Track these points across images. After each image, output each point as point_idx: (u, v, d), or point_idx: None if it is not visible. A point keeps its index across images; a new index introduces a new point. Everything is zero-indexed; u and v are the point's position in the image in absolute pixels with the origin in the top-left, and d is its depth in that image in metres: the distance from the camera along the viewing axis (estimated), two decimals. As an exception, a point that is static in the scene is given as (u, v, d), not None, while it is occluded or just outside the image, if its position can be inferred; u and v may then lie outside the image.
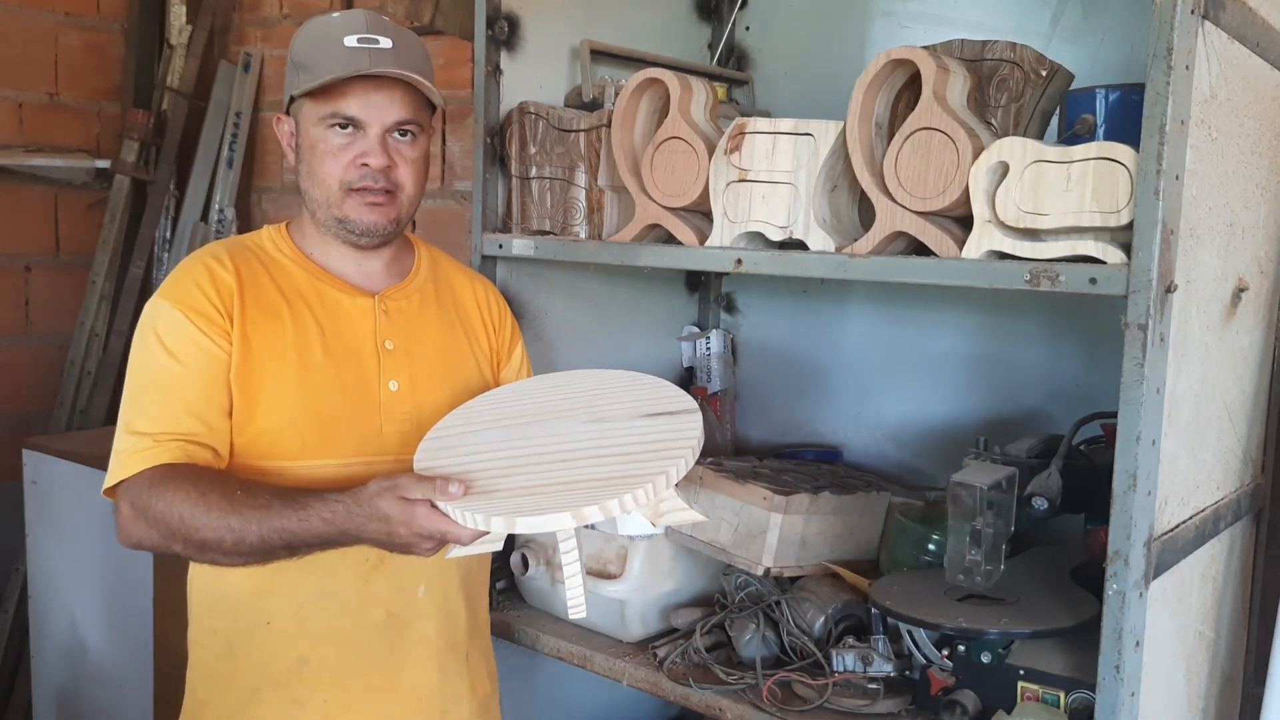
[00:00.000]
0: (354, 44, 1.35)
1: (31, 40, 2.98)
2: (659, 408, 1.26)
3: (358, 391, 1.40)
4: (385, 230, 1.41)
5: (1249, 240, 1.33)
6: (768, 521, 1.55)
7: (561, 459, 1.23)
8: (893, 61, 1.30)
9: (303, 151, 1.41)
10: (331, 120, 1.36)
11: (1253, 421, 1.44)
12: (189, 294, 1.36)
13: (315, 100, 1.36)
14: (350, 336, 1.42)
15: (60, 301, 3.09)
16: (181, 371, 1.33)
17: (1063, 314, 1.74)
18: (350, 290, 1.44)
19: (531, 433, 1.31)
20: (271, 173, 3.11)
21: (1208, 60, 1.12)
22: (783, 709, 1.42)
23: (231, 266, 1.39)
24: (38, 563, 2.71)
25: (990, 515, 1.30)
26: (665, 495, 1.19)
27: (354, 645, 1.41)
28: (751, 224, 1.43)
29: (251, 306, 1.38)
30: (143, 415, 1.33)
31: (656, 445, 1.21)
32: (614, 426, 1.26)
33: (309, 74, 1.36)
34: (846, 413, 2.01)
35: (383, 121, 1.37)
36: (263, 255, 1.44)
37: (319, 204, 1.41)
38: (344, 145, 1.37)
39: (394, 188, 1.40)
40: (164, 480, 1.28)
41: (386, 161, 1.37)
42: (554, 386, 1.43)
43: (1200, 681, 1.39)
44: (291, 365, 1.37)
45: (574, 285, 1.88)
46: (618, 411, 1.28)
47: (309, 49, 1.38)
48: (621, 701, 1.96)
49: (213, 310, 1.35)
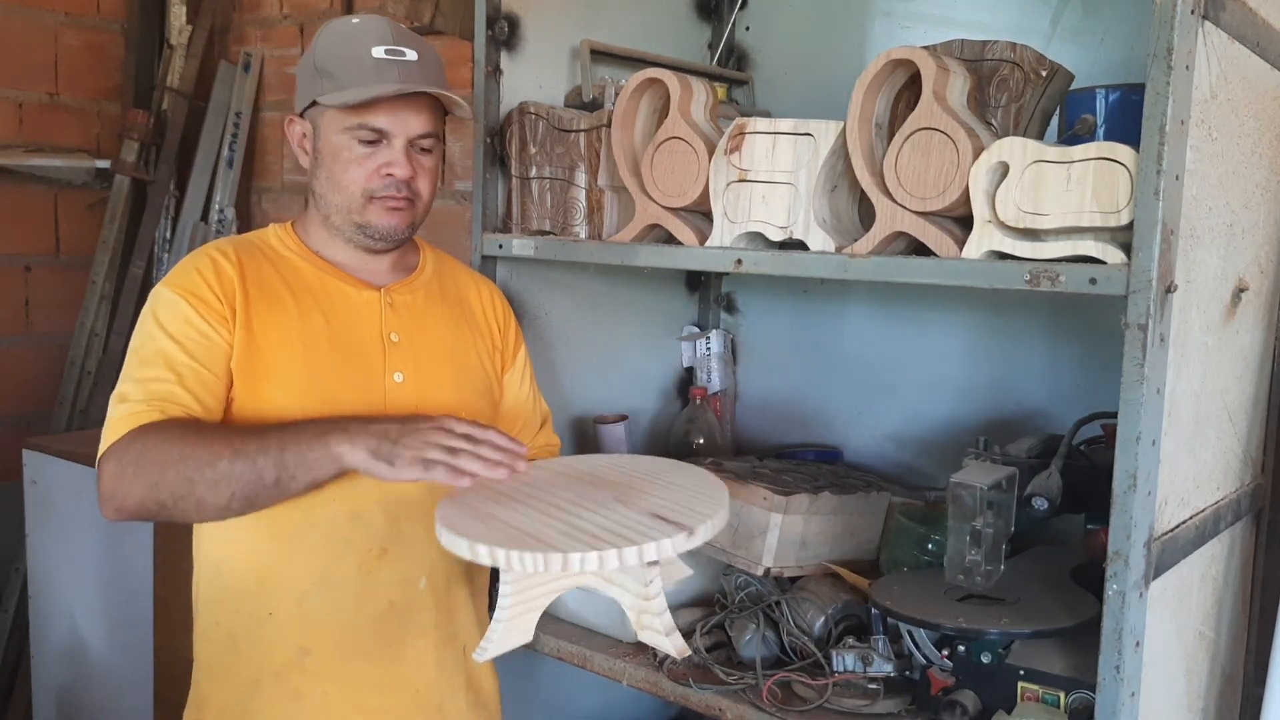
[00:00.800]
0: (382, 55, 1.36)
1: (31, 40, 2.98)
2: (671, 513, 1.18)
3: (362, 383, 1.41)
4: (402, 235, 1.44)
5: (1249, 240, 1.33)
6: (768, 521, 1.55)
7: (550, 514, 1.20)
8: (893, 61, 1.30)
9: (322, 156, 1.41)
10: (358, 131, 1.37)
11: (1253, 421, 1.44)
12: (191, 281, 1.37)
13: (341, 110, 1.37)
14: (356, 329, 1.43)
15: (60, 301, 3.09)
16: (177, 351, 1.34)
17: (1063, 314, 1.74)
18: (356, 284, 1.46)
19: (568, 489, 1.28)
20: (271, 173, 3.11)
21: (1208, 60, 1.12)
22: (783, 709, 1.42)
23: (235, 259, 1.40)
24: (38, 563, 2.71)
25: (990, 515, 1.30)
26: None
27: (355, 636, 1.41)
28: (751, 224, 1.43)
29: (256, 297, 1.38)
30: (137, 387, 1.33)
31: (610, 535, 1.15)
32: (622, 511, 1.20)
33: (333, 82, 1.37)
34: (846, 413, 2.01)
35: (408, 133, 1.39)
36: (268, 250, 1.45)
37: (337, 209, 1.42)
38: (368, 155, 1.38)
39: (414, 195, 1.42)
40: (157, 428, 1.28)
41: (410, 173, 1.40)
42: (657, 469, 1.37)
43: (1200, 681, 1.39)
44: (298, 354, 1.38)
45: (574, 285, 1.88)
46: (648, 502, 1.23)
47: (334, 57, 1.39)
48: (621, 701, 1.96)
49: (213, 298, 1.36)
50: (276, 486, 1.25)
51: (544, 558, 1.08)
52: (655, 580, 1.17)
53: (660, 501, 1.22)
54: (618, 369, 2.00)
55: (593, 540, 1.11)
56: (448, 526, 1.16)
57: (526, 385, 1.62)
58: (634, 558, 1.10)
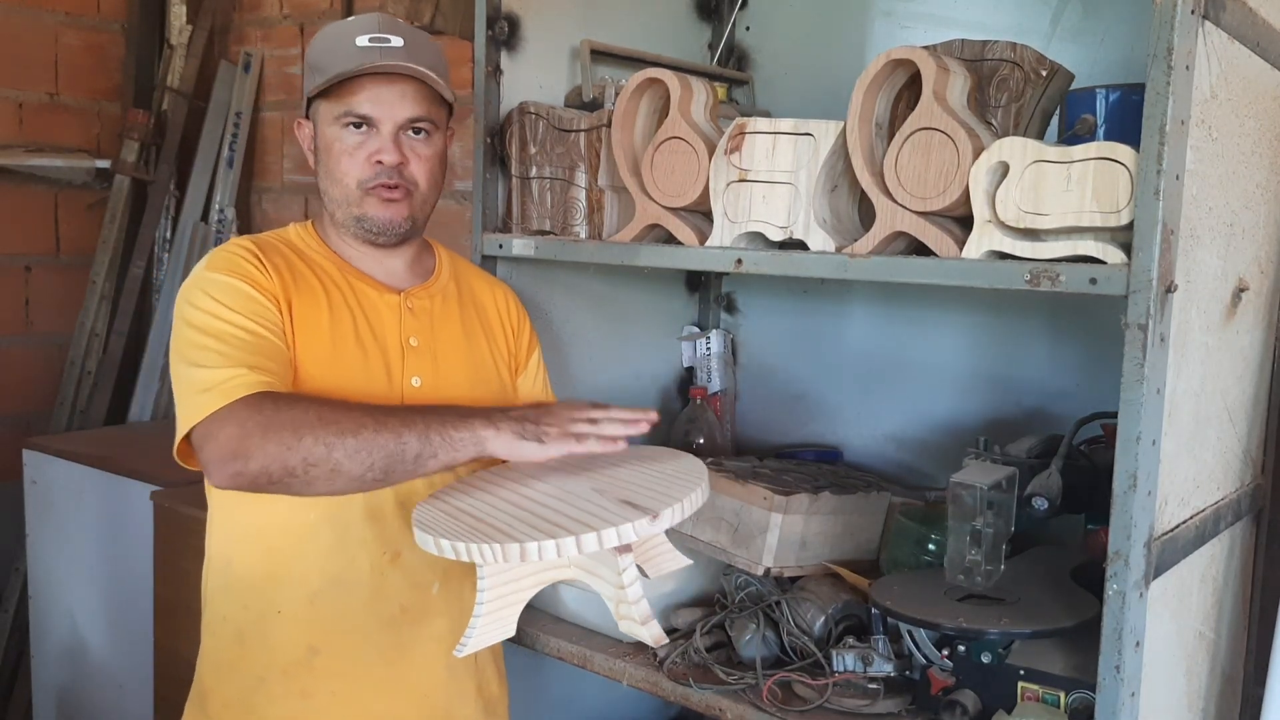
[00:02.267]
0: (365, 43, 1.37)
1: (31, 40, 2.99)
2: (641, 500, 1.18)
3: (381, 385, 1.41)
4: (401, 227, 1.43)
5: (1249, 240, 1.33)
6: (768, 521, 1.55)
7: (522, 505, 1.21)
8: (893, 61, 1.30)
9: (320, 153, 1.43)
10: (345, 119, 1.38)
11: (1253, 421, 1.44)
12: (235, 264, 1.36)
13: (329, 100, 1.38)
14: (379, 330, 1.44)
15: (60, 301, 3.09)
16: (252, 325, 1.30)
17: (1063, 314, 1.74)
18: (378, 286, 1.46)
19: (546, 479, 1.28)
20: (271, 173, 3.11)
21: (1208, 60, 1.12)
22: (783, 709, 1.42)
23: (267, 250, 1.40)
24: (38, 563, 2.71)
25: (990, 515, 1.30)
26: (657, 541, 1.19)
27: (365, 637, 1.41)
28: (751, 224, 1.43)
29: (293, 284, 1.38)
30: (225, 359, 1.26)
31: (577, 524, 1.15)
32: (596, 499, 1.20)
33: (321, 75, 1.38)
34: (846, 413, 2.01)
35: (394, 118, 1.38)
36: (293, 247, 1.45)
37: (338, 203, 1.42)
38: (358, 144, 1.39)
39: (409, 184, 1.41)
40: (279, 396, 1.23)
41: (399, 158, 1.39)
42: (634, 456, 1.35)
43: (1200, 681, 1.39)
44: (326, 347, 1.38)
45: (574, 285, 1.88)
46: (622, 490, 1.23)
47: (323, 51, 1.41)
48: (625, 702, 1.96)
49: (261, 276, 1.35)
50: (415, 462, 1.23)
51: (502, 548, 1.09)
52: (630, 568, 1.17)
53: (636, 488, 1.22)
54: (618, 369, 2.00)
55: (554, 529, 1.11)
56: (421, 525, 1.18)
57: (539, 387, 1.62)
58: (593, 544, 1.10)
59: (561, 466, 1.32)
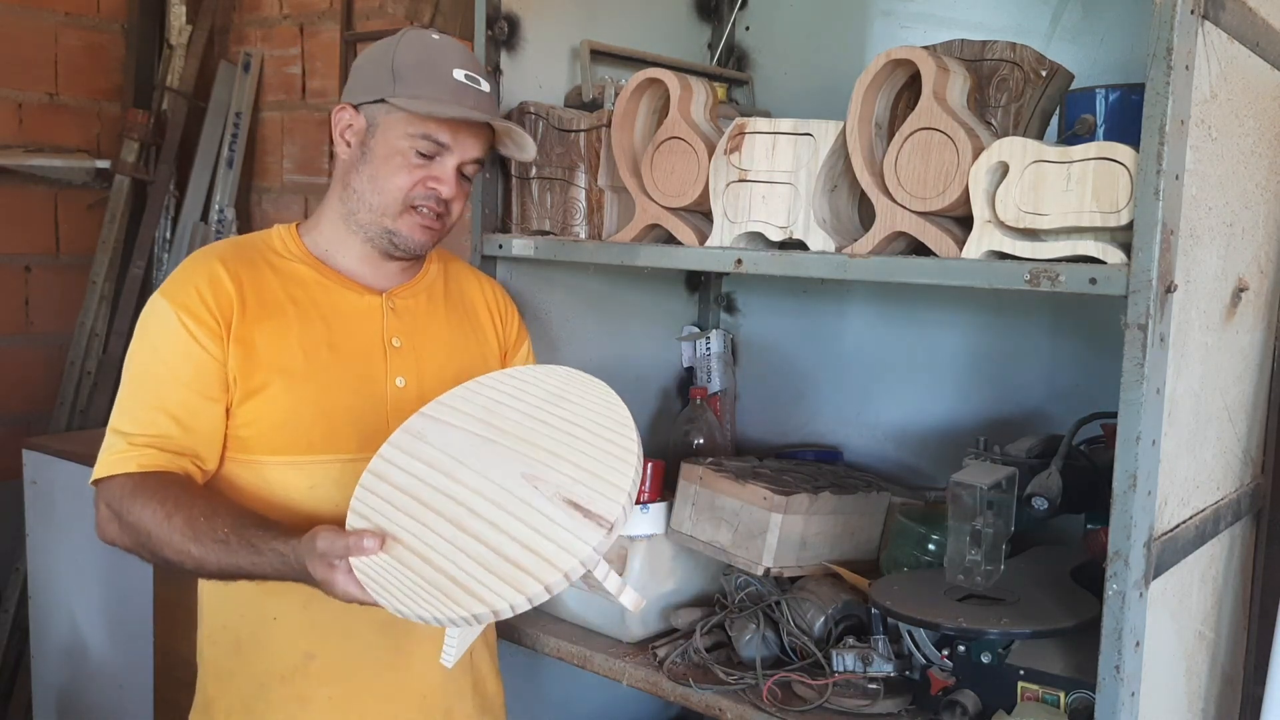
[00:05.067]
0: (461, 79, 1.41)
1: (31, 40, 2.98)
2: (587, 499, 1.17)
3: (364, 388, 1.42)
4: (424, 249, 1.47)
5: (1249, 240, 1.33)
6: (768, 521, 1.55)
7: (464, 528, 1.19)
8: (893, 61, 1.30)
9: (372, 155, 1.42)
10: (421, 141, 1.40)
11: (1253, 421, 1.44)
12: (186, 295, 1.37)
13: (409, 114, 1.39)
14: (358, 334, 1.44)
15: (60, 301, 3.09)
16: (165, 373, 1.36)
17: (1063, 314, 1.74)
18: (358, 288, 1.46)
19: (472, 465, 1.26)
20: (271, 173, 3.11)
21: (1208, 60, 1.12)
22: (783, 709, 1.42)
23: (234, 268, 1.40)
24: (38, 563, 2.71)
25: (990, 515, 1.30)
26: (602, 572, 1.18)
27: (361, 640, 1.41)
28: (751, 224, 1.43)
29: (254, 307, 1.39)
30: (124, 414, 1.37)
31: (534, 557, 1.14)
32: (534, 500, 1.19)
33: (409, 88, 1.39)
34: (846, 413, 2.01)
35: (464, 155, 1.43)
36: (270, 255, 1.45)
37: (371, 209, 1.43)
38: (421, 165, 1.41)
39: (446, 215, 1.45)
40: (135, 492, 1.32)
41: (454, 193, 1.43)
42: (551, 399, 1.33)
43: (1200, 681, 1.39)
44: (298, 363, 1.39)
45: (574, 285, 1.88)
46: (556, 478, 1.21)
47: (415, 65, 1.41)
48: (624, 702, 1.96)
49: (207, 314, 1.36)
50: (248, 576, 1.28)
51: (476, 616, 1.10)
52: (599, 563, 1.17)
53: (570, 471, 1.20)
54: (618, 369, 2.00)
55: (516, 575, 1.12)
56: (378, 589, 1.17)
57: None
58: (562, 585, 1.11)
59: (475, 440, 1.29)
